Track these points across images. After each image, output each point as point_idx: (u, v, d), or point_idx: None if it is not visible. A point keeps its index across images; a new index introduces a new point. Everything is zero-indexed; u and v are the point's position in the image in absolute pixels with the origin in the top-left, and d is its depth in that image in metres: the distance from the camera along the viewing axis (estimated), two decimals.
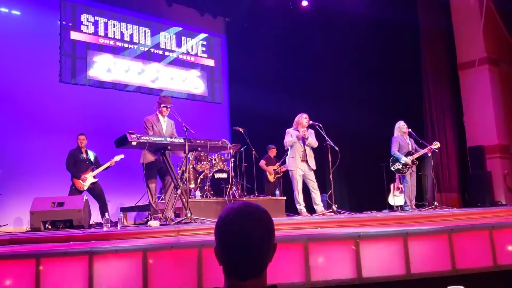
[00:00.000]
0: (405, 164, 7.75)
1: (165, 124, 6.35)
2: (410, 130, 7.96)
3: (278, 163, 9.61)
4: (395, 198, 8.63)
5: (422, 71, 10.54)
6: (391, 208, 8.74)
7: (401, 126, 7.99)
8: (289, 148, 7.24)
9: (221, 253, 1.46)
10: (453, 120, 10.43)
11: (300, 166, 7.06)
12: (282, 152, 9.34)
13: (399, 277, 3.26)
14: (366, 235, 3.34)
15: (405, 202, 7.95)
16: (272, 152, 9.79)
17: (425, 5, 10.55)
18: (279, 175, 9.61)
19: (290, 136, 7.14)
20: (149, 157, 5.99)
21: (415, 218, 5.11)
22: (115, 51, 10.62)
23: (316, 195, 7.05)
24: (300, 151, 7.07)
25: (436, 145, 7.86)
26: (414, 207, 7.80)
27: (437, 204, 7.72)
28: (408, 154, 7.81)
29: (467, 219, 4.70)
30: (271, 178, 9.60)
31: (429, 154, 7.90)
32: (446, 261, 3.35)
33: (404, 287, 3.25)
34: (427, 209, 7.62)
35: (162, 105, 6.28)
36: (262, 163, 9.62)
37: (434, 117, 10.36)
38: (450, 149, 10.31)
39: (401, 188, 8.33)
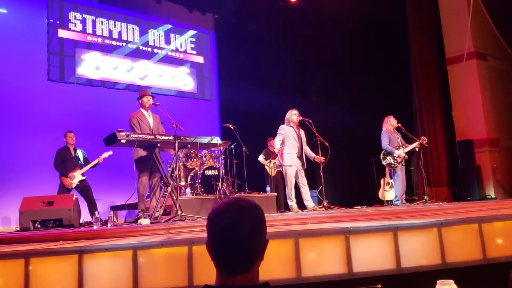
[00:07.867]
0: (398, 158, 7.75)
1: (151, 118, 6.29)
2: (399, 125, 7.98)
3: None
4: (386, 193, 8.67)
5: (411, 66, 10.60)
6: (381, 203, 8.78)
7: (391, 121, 7.98)
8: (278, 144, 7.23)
9: (211, 247, 1.45)
10: (442, 115, 10.48)
11: (295, 163, 7.07)
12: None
13: (390, 271, 3.27)
14: (357, 230, 3.34)
15: (396, 197, 7.95)
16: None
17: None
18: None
19: (280, 135, 7.15)
20: (141, 152, 5.97)
21: (405, 212, 5.11)
22: (103, 48, 10.55)
23: (306, 191, 7.07)
24: (296, 146, 7.08)
25: (424, 140, 7.88)
26: (404, 201, 7.83)
27: (427, 199, 7.76)
28: (398, 148, 7.82)
29: (456, 213, 4.71)
30: (271, 172, 9.16)
31: (417, 149, 7.91)
32: (436, 255, 3.37)
33: (394, 281, 3.26)
34: (417, 204, 7.65)
35: (144, 97, 6.25)
36: (261, 158, 9.37)
37: (423, 112, 10.42)
38: (439, 143, 10.36)
39: (391, 183, 8.36)
